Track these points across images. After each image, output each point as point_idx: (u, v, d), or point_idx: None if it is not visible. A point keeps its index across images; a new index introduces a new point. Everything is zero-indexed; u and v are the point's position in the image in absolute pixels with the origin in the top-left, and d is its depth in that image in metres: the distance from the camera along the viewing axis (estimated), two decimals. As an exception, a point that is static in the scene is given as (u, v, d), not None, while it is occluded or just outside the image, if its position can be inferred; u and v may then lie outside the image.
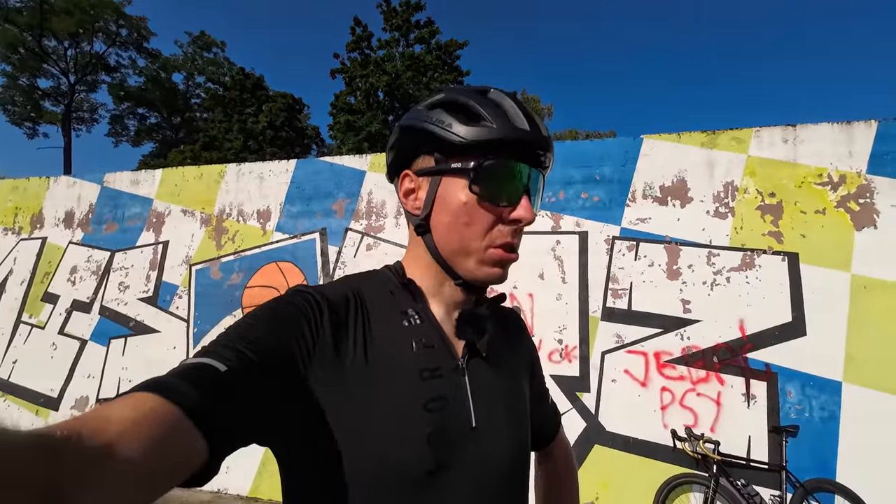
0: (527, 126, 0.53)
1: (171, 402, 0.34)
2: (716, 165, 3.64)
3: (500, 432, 0.55)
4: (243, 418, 0.40)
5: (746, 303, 3.30)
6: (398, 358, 0.52)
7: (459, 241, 0.55)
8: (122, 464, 0.29)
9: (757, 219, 3.47)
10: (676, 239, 3.55)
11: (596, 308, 3.53)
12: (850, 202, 3.33)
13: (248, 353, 0.42)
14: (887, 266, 3.15)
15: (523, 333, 0.73)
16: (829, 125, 3.51)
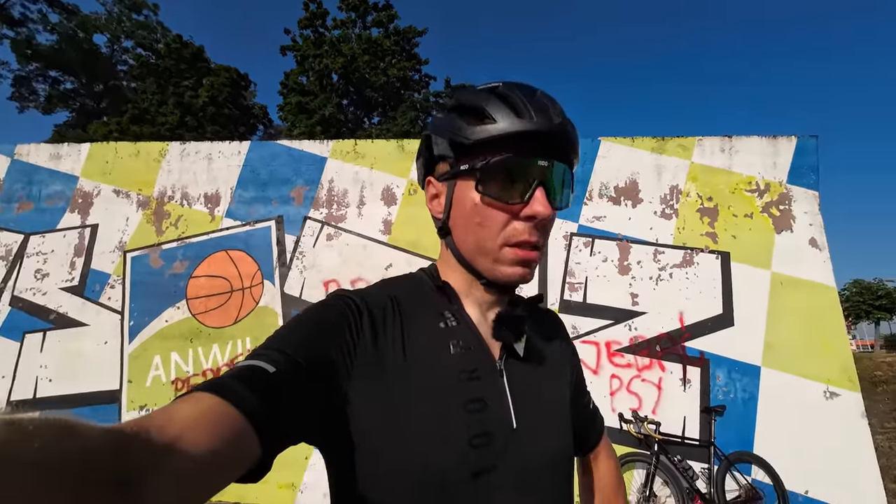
0: (532, 117, 0.50)
1: (227, 403, 0.37)
2: (664, 170, 3.93)
3: (540, 434, 0.55)
4: (292, 418, 0.42)
5: (685, 296, 3.63)
6: (436, 360, 0.53)
7: (475, 242, 0.55)
8: (185, 458, 0.31)
9: (697, 220, 3.81)
10: (628, 237, 3.80)
11: (554, 301, 3.70)
12: (772, 208, 3.76)
13: (295, 357, 0.44)
14: (799, 265, 3.61)
15: (561, 334, 0.71)
16: (759, 138, 3.92)
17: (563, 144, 0.54)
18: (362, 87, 18.37)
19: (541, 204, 0.51)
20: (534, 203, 0.51)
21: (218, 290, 3.98)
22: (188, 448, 0.32)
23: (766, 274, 3.63)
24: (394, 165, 4.23)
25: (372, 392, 0.48)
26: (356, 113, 19.87)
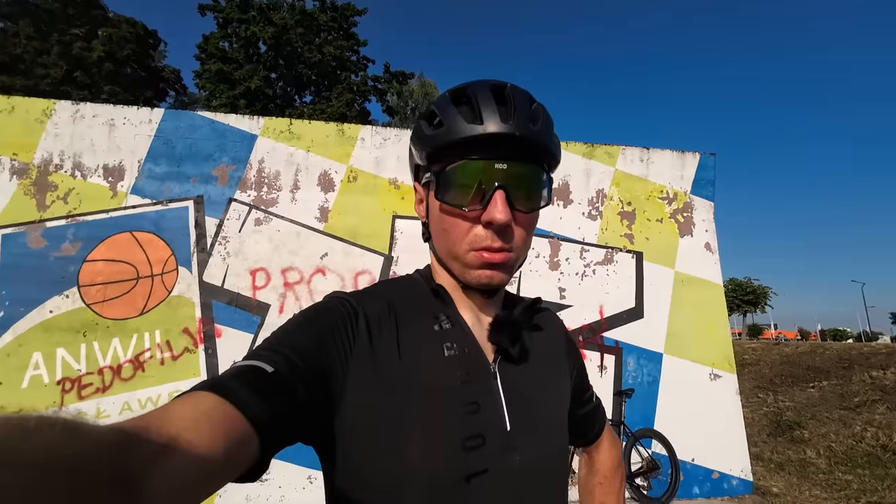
0: (483, 121, 0.49)
1: (227, 402, 0.37)
2: (592, 174, 4.25)
3: (534, 436, 0.54)
4: (290, 418, 0.42)
5: (605, 291, 3.99)
6: (430, 363, 0.52)
7: (446, 247, 0.55)
8: (184, 457, 0.31)
9: (617, 222, 4.19)
10: (558, 235, 4.06)
11: (490, 294, 3.83)
12: (678, 215, 4.27)
13: (292, 357, 0.44)
14: (696, 266, 4.16)
15: (561, 335, 0.70)
16: (671, 152, 4.40)
17: (525, 145, 0.51)
18: (294, 61, 17.14)
19: (498, 209, 0.49)
20: (491, 208, 0.50)
21: (120, 276, 3.49)
22: (187, 448, 0.32)
23: (670, 272, 4.12)
24: (333, 150, 4.03)
25: (367, 393, 0.48)
26: (286, 89, 18.51)
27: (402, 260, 3.92)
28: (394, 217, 4.02)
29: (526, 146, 0.51)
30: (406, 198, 4.05)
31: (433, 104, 0.55)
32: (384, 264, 3.93)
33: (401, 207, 4.04)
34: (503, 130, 0.49)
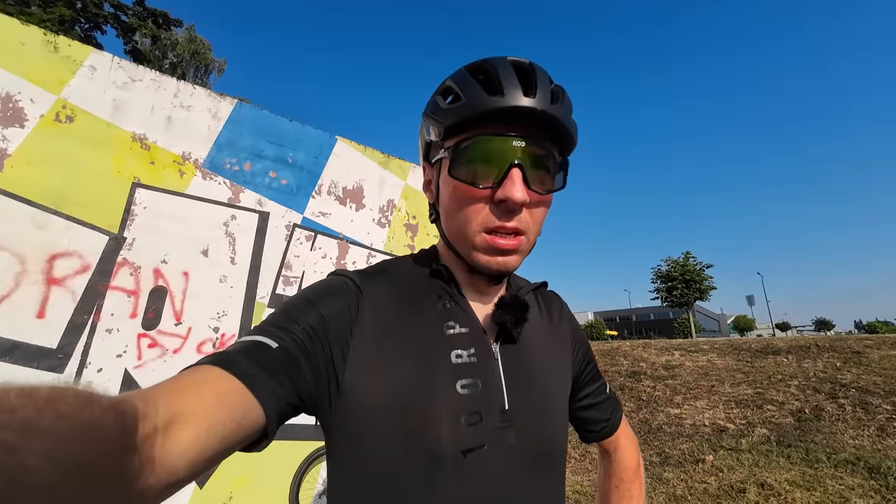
0: (504, 93, 0.46)
1: (232, 376, 0.39)
2: (385, 183, 4.42)
3: (531, 417, 0.54)
4: (293, 392, 0.43)
5: (386, 297, 4.16)
6: (431, 340, 0.53)
7: (456, 228, 0.54)
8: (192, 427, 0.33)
9: (403, 233, 4.48)
10: (348, 237, 3.99)
11: (265, 294, 3.36)
12: (450, 233, 4.96)
13: (295, 332, 0.46)
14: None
15: (566, 319, 0.70)
16: (449, 178, 5.10)
17: (545, 124, 0.49)
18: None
19: (515, 186, 0.47)
20: (506, 185, 0.48)
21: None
22: (194, 418, 0.33)
23: (440, 283, 4.70)
24: (34, 67, 2.70)
25: (369, 369, 0.49)
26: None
27: (138, 243, 2.95)
28: (134, 185, 3.01)
29: (546, 124, 0.49)
30: (157, 163, 3.11)
31: (450, 79, 0.53)
32: (108, 247, 2.86)
33: (148, 175, 3.07)
34: (525, 104, 0.47)
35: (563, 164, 0.54)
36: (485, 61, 0.51)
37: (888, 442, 4.18)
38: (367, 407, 0.48)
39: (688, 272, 33.05)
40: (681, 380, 6.92)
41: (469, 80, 0.50)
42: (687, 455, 4.62)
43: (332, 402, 0.48)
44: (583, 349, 0.71)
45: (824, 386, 5.60)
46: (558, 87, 0.52)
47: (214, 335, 3.05)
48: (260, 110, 3.63)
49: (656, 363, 7.86)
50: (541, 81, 0.49)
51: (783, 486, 3.65)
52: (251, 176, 3.46)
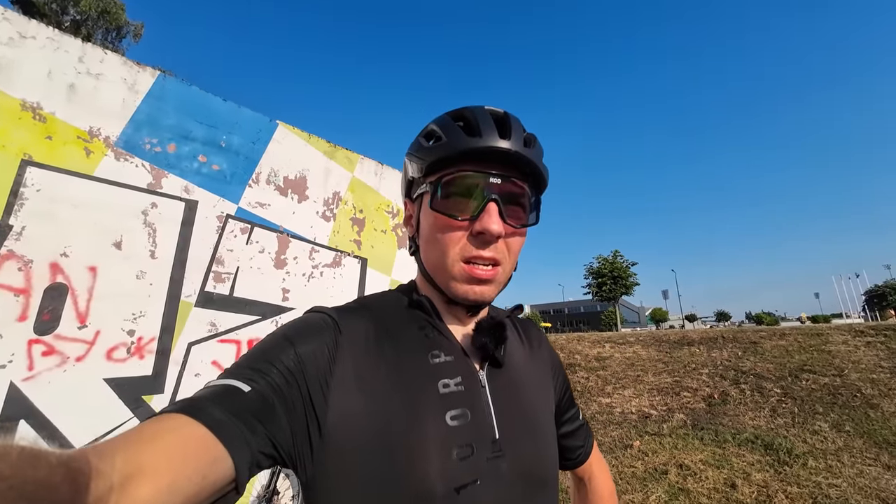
0: (482, 134, 0.51)
1: (201, 425, 0.36)
2: (331, 174, 4.18)
3: (522, 443, 0.53)
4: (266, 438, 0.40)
5: (330, 295, 3.95)
6: (417, 372, 0.51)
7: (435, 259, 0.55)
8: (154, 485, 0.30)
9: (349, 227, 4.28)
10: (289, 231, 3.71)
11: (191, 292, 3.01)
12: (398, 229, 4.82)
13: (271, 375, 0.43)
14: (407, 275, 4.80)
15: (544, 345, 0.71)
16: (399, 172, 4.95)
17: (520, 164, 0.53)
18: None
19: (492, 219, 0.50)
20: (483, 218, 0.50)
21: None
22: (155, 474, 0.31)
23: (387, 279, 4.56)
24: None
25: (351, 408, 0.47)
26: None
27: (30, 233, 2.48)
28: (25, 163, 2.53)
29: (520, 164, 0.53)
30: (56, 138, 2.64)
31: (433, 123, 0.57)
32: (-12, 236, 2.37)
33: (44, 152, 2.60)
34: (502, 146, 0.51)
35: (537, 202, 0.58)
36: (464, 109, 0.56)
37: (779, 421, 4.85)
38: (352, 448, 0.46)
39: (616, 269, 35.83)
40: (611, 371, 7.46)
41: (450, 124, 0.55)
42: (617, 441, 4.98)
43: (314, 448, 0.45)
44: (561, 376, 0.73)
45: (729, 373, 6.34)
46: (530, 134, 0.57)
47: (129, 339, 2.68)
48: (188, 86, 3.23)
49: (589, 355, 8.40)
50: (515, 128, 0.54)
51: (698, 465, 4.07)
52: (176, 159, 3.07)
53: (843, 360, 5.84)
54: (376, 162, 4.68)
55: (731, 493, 3.48)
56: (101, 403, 2.50)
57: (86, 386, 2.48)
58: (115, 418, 2.53)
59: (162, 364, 2.80)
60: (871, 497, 3.20)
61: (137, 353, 2.71)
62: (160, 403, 2.76)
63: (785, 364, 6.13)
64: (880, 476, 3.48)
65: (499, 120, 0.55)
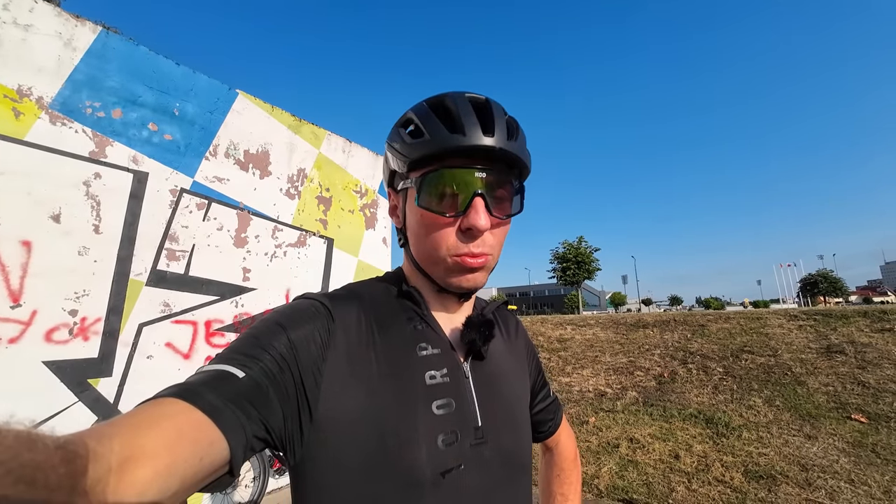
0: (465, 131, 0.50)
1: (196, 409, 0.36)
2: (296, 150, 4.00)
3: (502, 430, 0.56)
4: (260, 422, 0.41)
5: (294, 275, 3.83)
6: (405, 362, 0.53)
7: (425, 252, 0.56)
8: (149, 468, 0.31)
9: (315, 206, 4.14)
10: (250, 208, 3.54)
11: (142, 270, 2.83)
12: (366, 210, 4.72)
13: (264, 361, 0.44)
14: (375, 256, 4.73)
15: (520, 333, 0.74)
16: (367, 151, 4.81)
17: (503, 156, 0.53)
18: None
19: (479, 215, 0.51)
20: (472, 214, 0.51)
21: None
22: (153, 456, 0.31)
23: (354, 260, 4.48)
24: None
25: (343, 395, 0.48)
26: None
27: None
28: (-60, 123, 2.25)
29: (503, 158, 0.53)
30: (20, 111, 2.35)
31: (411, 111, 0.56)
32: None
33: (-37, 110, 2.33)
34: (485, 143, 0.51)
35: (520, 189, 0.58)
36: (444, 96, 0.55)
37: (720, 398, 5.26)
38: (344, 433, 0.47)
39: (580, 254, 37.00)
40: (571, 351, 7.77)
41: (430, 116, 0.53)
42: (574, 418, 5.23)
43: (304, 432, 0.46)
44: (535, 360, 0.77)
45: (678, 354, 6.77)
46: (512, 119, 0.57)
47: (71, 319, 2.49)
48: (136, 45, 2.95)
49: (552, 336, 8.70)
50: (498, 119, 0.53)
51: (647, 439, 4.36)
52: (123, 126, 2.82)
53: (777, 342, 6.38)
54: (344, 139, 4.51)
55: (675, 463, 3.77)
56: (39, 387, 2.33)
57: (21, 369, 2.30)
58: (56, 403, 2.37)
59: (109, 346, 2.64)
60: (794, 464, 3.57)
61: (81, 334, 2.53)
62: (108, 387, 2.61)
63: (728, 345, 6.62)
64: (802, 445, 3.87)
65: (480, 111, 0.53)
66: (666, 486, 3.36)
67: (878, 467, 3.40)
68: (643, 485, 3.43)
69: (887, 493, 3.05)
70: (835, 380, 5.01)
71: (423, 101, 0.57)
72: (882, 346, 5.50)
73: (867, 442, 3.81)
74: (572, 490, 0.78)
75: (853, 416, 4.29)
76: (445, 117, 0.53)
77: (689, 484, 3.38)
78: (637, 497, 3.21)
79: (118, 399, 2.63)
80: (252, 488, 3.09)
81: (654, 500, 3.16)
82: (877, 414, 4.24)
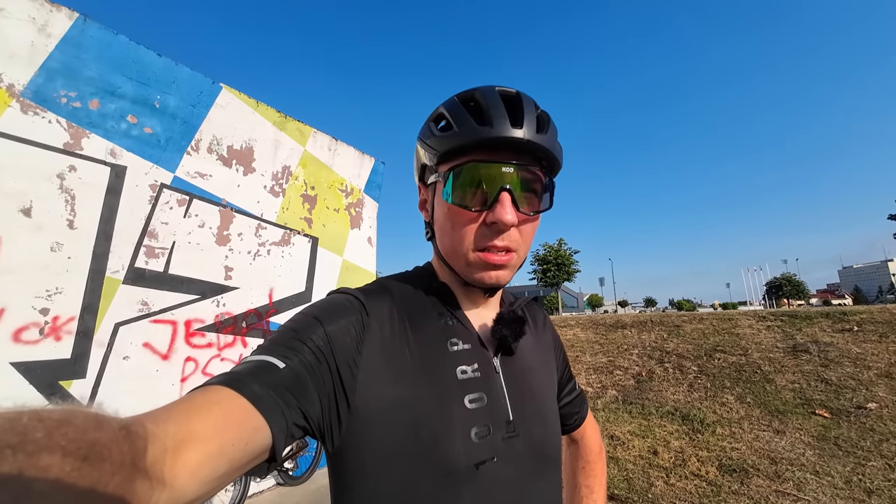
0: (493, 124, 0.50)
1: (241, 397, 0.39)
2: (281, 147, 3.93)
3: (532, 423, 0.57)
4: (300, 411, 0.43)
5: (278, 274, 3.77)
6: (438, 357, 0.54)
7: (451, 246, 0.56)
8: (201, 449, 0.33)
9: (299, 204, 4.08)
10: (233, 205, 3.46)
11: (119, 268, 2.73)
12: (351, 209, 4.68)
13: (303, 353, 0.46)
14: (360, 256, 4.69)
15: (547, 326, 0.74)
16: (353, 150, 4.77)
17: (532, 150, 0.52)
18: None
19: (505, 210, 0.50)
20: (497, 209, 0.51)
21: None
22: (204, 439, 0.34)
23: (339, 260, 4.43)
24: None
25: (380, 387, 0.49)
26: None
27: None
28: None
29: (532, 151, 0.52)
30: (-57, 83, 2.22)
31: (442, 107, 0.56)
32: None
33: (-75, 96, 2.20)
34: (513, 135, 0.50)
35: (550, 185, 0.57)
36: (475, 90, 0.55)
37: (694, 395, 5.45)
38: (380, 425, 0.48)
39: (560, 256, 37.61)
40: (552, 351, 7.93)
41: (460, 110, 0.53)
42: (555, 417, 5.34)
43: (343, 422, 0.48)
44: (562, 354, 0.77)
45: (655, 353, 6.98)
46: (543, 113, 0.56)
47: (42, 318, 2.37)
48: (114, 34, 2.85)
49: (533, 337, 8.84)
50: (527, 111, 0.53)
51: (626, 436, 4.47)
52: (100, 118, 2.71)
53: (748, 342, 6.66)
54: (330, 137, 4.46)
55: (653, 458, 3.88)
56: (5, 390, 2.21)
57: (-12, 371, 2.18)
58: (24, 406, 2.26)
59: (83, 346, 2.53)
60: (763, 457, 3.74)
61: (53, 333, 2.42)
62: (82, 388, 2.51)
63: (702, 345, 6.86)
64: (771, 439, 4.06)
65: (510, 103, 0.53)
66: (645, 482, 3.46)
67: (840, 459, 3.59)
68: (623, 480, 3.52)
69: (848, 483, 3.23)
70: (800, 377, 5.27)
71: (454, 95, 0.57)
72: (843, 345, 5.82)
73: (830, 435, 4.02)
74: (597, 482, 0.78)
75: (817, 411, 4.52)
76: (474, 110, 0.53)
77: (667, 478, 3.49)
78: (618, 492, 3.29)
79: (92, 402, 2.52)
80: (232, 492, 3.01)
81: (634, 494, 3.25)
82: (838, 409, 4.48)
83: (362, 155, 4.86)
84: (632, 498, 3.21)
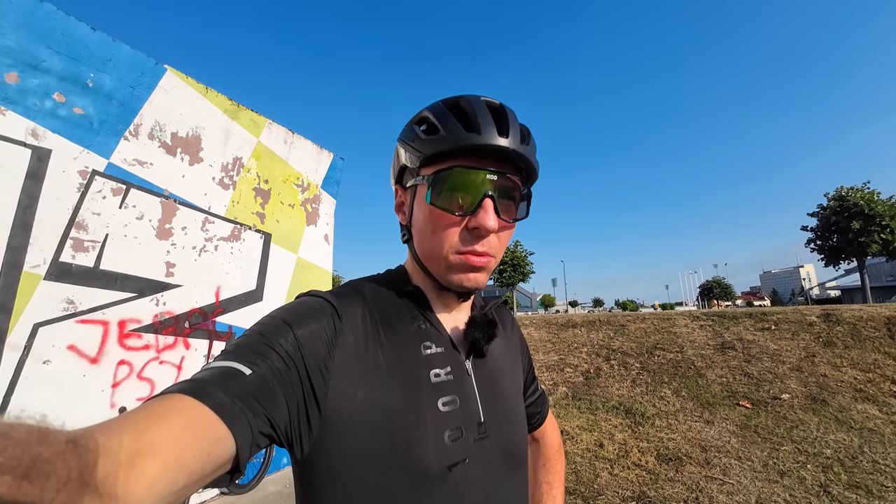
0: (480, 131, 0.51)
1: (203, 405, 0.37)
2: (232, 137, 3.71)
3: (502, 424, 0.58)
4: (266, 419, 0.42)
5: (226, 271, 3.56)
6: (411, 361, 0.54)
7: (430, 249, 0.56)
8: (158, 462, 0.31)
9: (251, 198, 3.88)
10: (176, 196, 3.22)
11: (40, 262, 2.45)
12: (308, 204, 4.52)
13: (271, 358, 0.44)
14: (315, 254, 4.54)
15: (515, 329, 0.77)
16: (311, 144, 4.61)
17: (515, 159, 0.54)
18: None
19: (488, 216, 0.52)
20: (480, 215, 0.52)
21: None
22: (162, 451, 0.32)
23: (293, 257, 4.27)
24: None
25: (351, 390, 0.48)
26: None
27: None
28: None
29: (514, 161, 0.54)
30: None
31: (427, 111, 0.57)
32: None
33: None
34: (499, 144, 0.52)
35: (527, 195, 0.59)
36: (460, 98, 0.56)
37: (637, 390, 5.83)
38: (352, 429, 0.47)
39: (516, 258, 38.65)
40: (507, 350, 8.14)
41: (447, 115, 0.54)
42: (509, 414, 5.49)
43: (313, 428, 0.47)
44: (528, 355, 0.80)
45: (602, 351, 7.37)
46: (525, 127, 0.58)
47: (-59, 319, 2.07)
48: (40, 1, 2.55)
49: (489, 337, 9.02)
50: (512, 122, 0.55)
51: (575, 430, 4.69)
52: (19, 94, 2.42)
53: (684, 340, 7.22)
54: (287, 129, 4.28)
55: (599, 451, 4.10)
56: None
57: None
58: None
59: (-7, 349, 2.24)
60: (696, 446, 4.08)
61: (-45, 335, 2.12)
62: (-10, 398, 2.22)
63: (644, 343, 7.35)
64: (702, 429, 4.43)
65: (496, 113, 0.55)
66: (592, 473, 3.64)
67: (758, 445, 3.99)
68: (572, 472, 3.68)
69: (765, 466, 3.59)
70: (727, 372, 5.79)
71: (439, 101, 0.58)
72: (763, 342, 6.47)
73: (751, 424, 4.45)
74: (556, 479, 0.82)
75: (741, 402, 4.99)
76: (461, 116, 0.54)
77: (611, 469, 3.70)
78: (568, 485, 3.44)
79: (3, 411, 2.25)
80: None
81: (581, 486, 3.41)
82: (758, 400, 4.97)
83: (320, 149, 4.71)
84: (579, 489, 3.37)
